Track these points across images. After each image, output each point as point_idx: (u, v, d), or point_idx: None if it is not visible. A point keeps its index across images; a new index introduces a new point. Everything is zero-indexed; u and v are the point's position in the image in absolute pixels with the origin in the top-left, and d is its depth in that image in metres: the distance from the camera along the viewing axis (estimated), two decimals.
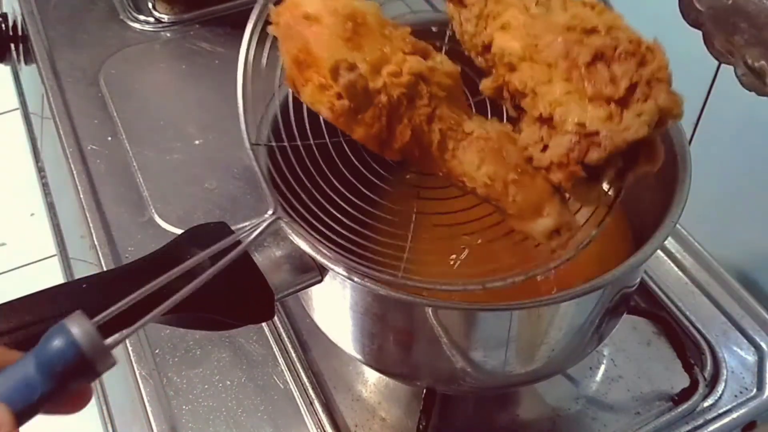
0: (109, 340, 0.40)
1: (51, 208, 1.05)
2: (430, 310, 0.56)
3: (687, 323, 0.79)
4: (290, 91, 0.58)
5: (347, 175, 0.58)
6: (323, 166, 0.58)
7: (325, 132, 0.59)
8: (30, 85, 1.18)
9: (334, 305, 0.62)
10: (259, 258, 0.56)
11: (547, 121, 0.49)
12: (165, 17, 1.15)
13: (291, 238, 0.56)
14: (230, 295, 0.53)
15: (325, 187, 0.57)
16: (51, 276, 0.94)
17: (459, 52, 0.58)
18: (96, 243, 0.85)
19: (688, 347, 0.77)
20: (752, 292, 0.80)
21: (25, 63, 1.19)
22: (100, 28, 1.14)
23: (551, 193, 0.50)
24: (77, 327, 0.39)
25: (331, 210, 0.55)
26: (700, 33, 0.79)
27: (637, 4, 0.83)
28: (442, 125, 0.51)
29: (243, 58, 0.57)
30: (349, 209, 0.56)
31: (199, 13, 1.16)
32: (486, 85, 0.55)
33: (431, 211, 0.59)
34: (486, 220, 0.55)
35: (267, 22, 0.55)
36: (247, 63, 0.57)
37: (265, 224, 0.52)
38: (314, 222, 0.54)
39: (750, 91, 0.71)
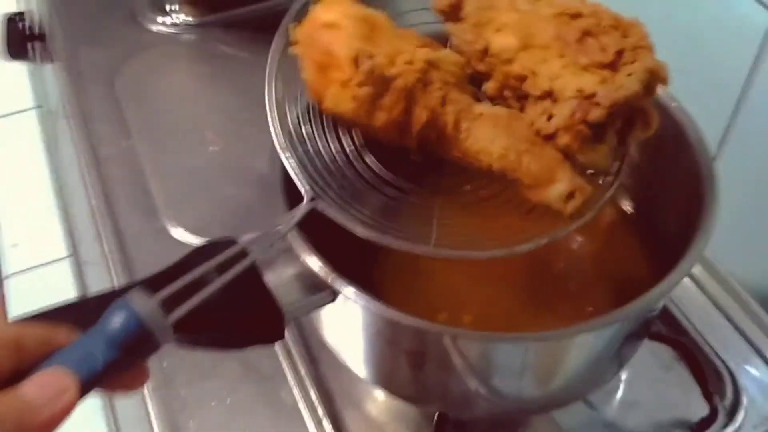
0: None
1: (64, 210, 1.04)
2: (448, 338, 0.54)
3: (708, 349, 0.77)
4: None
5: (367, 177, 0.59)
6: (343, 169, 0.59)
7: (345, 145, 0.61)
8: (47, 84, 1.18)
9: (345, 325, 0.61)
10: (269, 277, 0.55)
11: (548, 95, 0.55)
12: (186, 20, 1.14)
13: (302, 257, 0.54)
14: (238, 315, 0.52)
15: (350, 177, 0.59)
16: (62, 278, 0.93)
17: None
18: (107, 249, 0.84)
19: (708, 374, 0.74)
20: None
21: (42, 63, 1.18)
22: (120, 29, 1.13)
23: (561, 159, 0.54)
24: (137, 300, 0.41)
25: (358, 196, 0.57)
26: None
27: (665, 19, 0.82)
28: (455, 107, 0.56)
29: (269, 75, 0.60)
30: (377, 195, 0.58)
31: (221, 16, 1.14)
32: (489, 86, 0.59)
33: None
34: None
35: (289, 44, 0.59)
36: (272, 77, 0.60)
37: (304, 210, 0.55)
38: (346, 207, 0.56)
39: None
